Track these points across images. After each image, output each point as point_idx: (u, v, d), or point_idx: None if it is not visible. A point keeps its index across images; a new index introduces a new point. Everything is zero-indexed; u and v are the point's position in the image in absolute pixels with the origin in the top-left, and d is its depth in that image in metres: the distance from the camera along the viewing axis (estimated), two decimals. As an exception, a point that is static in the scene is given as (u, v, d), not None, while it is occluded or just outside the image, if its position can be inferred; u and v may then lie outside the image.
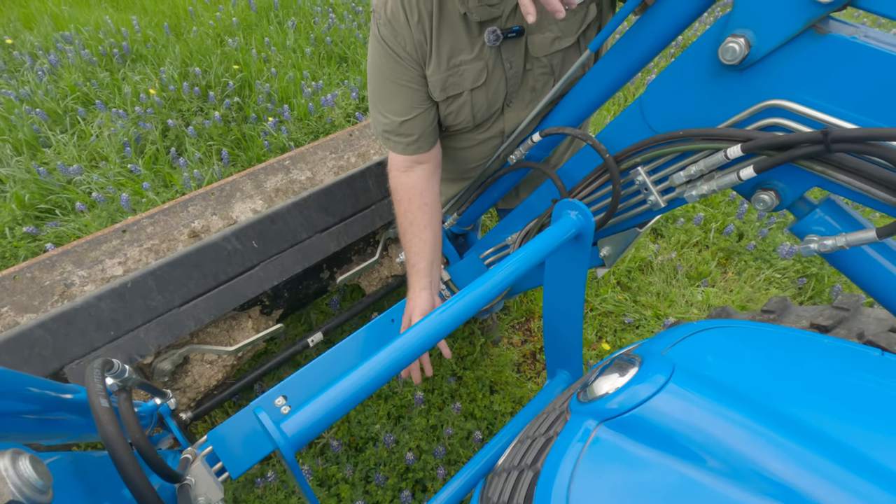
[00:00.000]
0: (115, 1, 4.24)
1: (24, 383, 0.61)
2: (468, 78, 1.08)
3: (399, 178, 1.22)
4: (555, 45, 1.06)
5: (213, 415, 1.89)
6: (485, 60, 1.07)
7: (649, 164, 0.96)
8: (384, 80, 1.10)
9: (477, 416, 1.94)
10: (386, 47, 1.05)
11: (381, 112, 1.14)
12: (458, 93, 1.10)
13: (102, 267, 1.41)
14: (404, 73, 1.07)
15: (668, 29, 0.85)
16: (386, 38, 1.04)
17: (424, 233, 1.23)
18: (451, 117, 1.17)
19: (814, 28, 0.67)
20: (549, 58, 1.08)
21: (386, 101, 1.12)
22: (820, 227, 0.81)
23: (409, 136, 1.14)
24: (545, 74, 1.11)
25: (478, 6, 0.99)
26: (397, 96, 1.10)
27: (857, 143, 0.66)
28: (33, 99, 3.05)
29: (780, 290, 2.47)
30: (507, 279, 0.80)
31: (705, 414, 0.47)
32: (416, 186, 1.21)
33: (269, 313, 1.64)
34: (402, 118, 1.12)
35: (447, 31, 1.03)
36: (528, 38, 1.05)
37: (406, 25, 1.01)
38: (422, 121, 1.13)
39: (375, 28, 1.05)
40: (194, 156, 2.85)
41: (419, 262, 1.23)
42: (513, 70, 1.10)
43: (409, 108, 1.11)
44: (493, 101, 1.14)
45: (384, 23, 1.02)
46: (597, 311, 2.36)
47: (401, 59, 1.05)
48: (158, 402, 1.11)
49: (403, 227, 1.25)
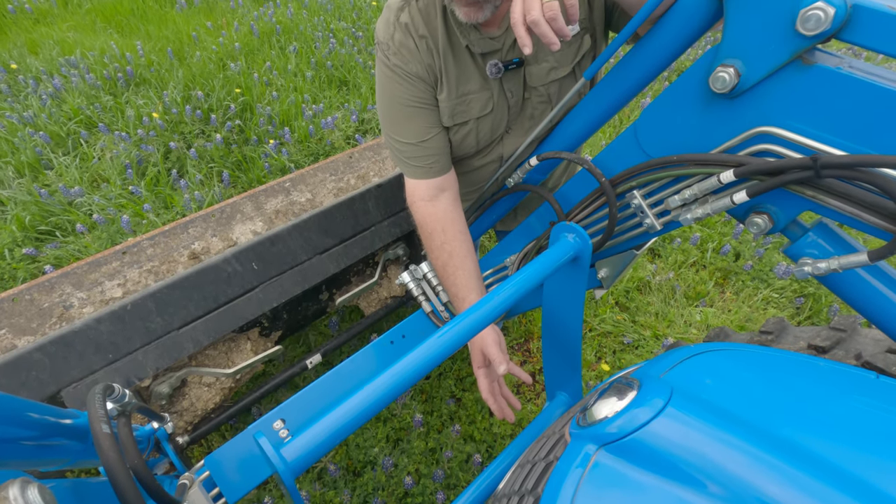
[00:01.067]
0: (121, 27, 4.32)
1: (24, 408, 0.61)
2: (475, 107, 1.12)
3: (426, 209, 1.18)
4: (551, 75, 1.10)
5: (210, 438, 1.87)
6: (490, 91, 1.11)
7: (644, 187, 0.98)
8: (399, 107, 1.10)
9: (476, 439, 1.92)
10: (396, 73, 1.07)
11: (397, 139, 1.14)
12: (465, 121, 1.14)
13: (102, 289, 1.42)
14: (418, 94, 1.09)
15: (659, 58, 0.88)
16: (396, 65, 1.06)
17: (467, 263, 1.17)
18: (455, 144, 1.19)
19: (800, 59, 0.70)
20: (546, 87, 1.12)
21: (403, 127, 1.12)
22: (813, 250, 0.82)
23: (428, 158, 1.14)
24: (543, 103, 1.15)
25: (479, 39, 1.03)
26: (414, 119, 1.11)
27: (845, 168, 0.68)
28: (36, 122, 3.09)
29: (778, 309, 2.48)
30: (507, 301, 0.81)
31: (704, 438, 0.48)
32: (447, 215, 1.17)
33: (267, 335, 1.64)
34: (421, 139, 1.12)
35: (455, 60, 1.06)
36: (526, 69, 1.09)
37: (415, 51, 1.04)
38: (440, 140, 1.14)
39: (384, 58, 1.07)
40: (195, 177, 2.88)
41: (469, 294, 1.16)
42: (513, 99, 1.13)
43: (427, 129, 1.12)
44: (495, 129, 1.18)
45: (393, 52, 1.05)
46: (596, 331, 2.36)
47: (413, 82, 1.07)
48: (156, 425, 1.10)
49: (442, 259, 1.18)
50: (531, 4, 0.78)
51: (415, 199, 1.19)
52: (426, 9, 1.03)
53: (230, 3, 4.75)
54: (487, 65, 1.06)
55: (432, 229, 1.18)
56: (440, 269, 1.21)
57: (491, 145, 1.22)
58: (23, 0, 4.50)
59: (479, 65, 1.08)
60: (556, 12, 0.77)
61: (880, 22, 0.62)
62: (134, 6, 4.55)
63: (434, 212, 1.17)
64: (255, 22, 4.30)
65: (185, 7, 4.66)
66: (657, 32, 0.86)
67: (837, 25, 0.63)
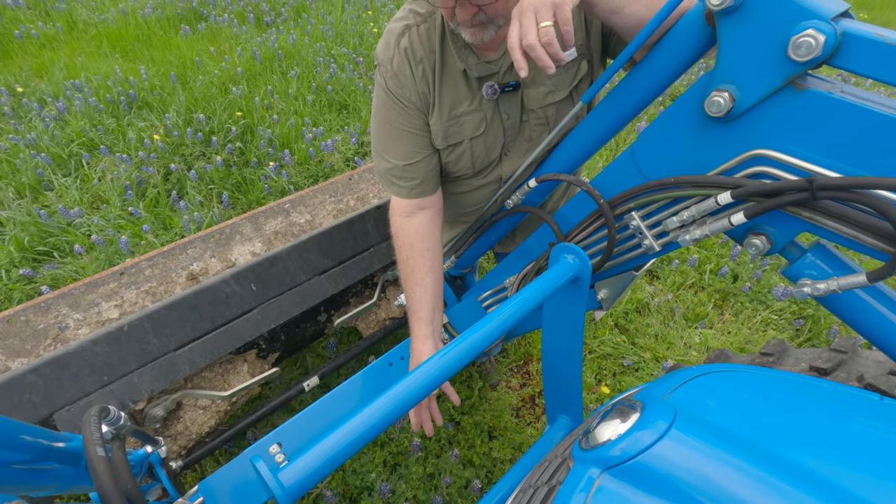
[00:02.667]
0: (126, 52, 4.40)
1: (17, 431, 0.60)
2: (468, 128, 1.14)
3: (401, 223, 1.23)
4: (549, 98, 1.12)
5: (204, 463, 1.83)
6: (483, 112, 1.13)
7: (643, 209, 0.98)
8: (389, 127, 1.14)
9: (476, 464, 1.88)
10: (392, 97, 1.10)
11: (385, 157, 1.18)
12: (459, 141, 1.16)
13: (98, 310, 1.41)
14: (409, 120, 1.12)
15: (655, 83, 0.90)
16: (392, 89, 1.09)
17: (426, 279, 1.22)
18: (451, 164, 1.22)
19: (793, 84, 0.71)
20: (544, 110, 1.14)
21: (390, 147, 1.16)
22: (812, 271, 0.82)
23: (412, 180, 1.17)
24: (540, 125, 1.17)
25: (476, 63, 1.06)
26: (402, 142, 1.15)
27: (840, 190, 0.69)
28: (39, 144, 3.11)
29: (778, 331, 2.47)
30: (507, 323, 0.80)
31: (709, 461, 0.47)
32: (418, 232, 1.22)
33: (265, 357, 1.62)
34: (406, 162, 1.16)
35: (449, 84, 1.09)
36: (523, 92, 1.11)
37: (411, 78, 1.07)
38: (425, 165, 1.17)
39: (382, 80, 1.11)
40: (195, 199, 2.89)
41: (421, 310, 1.22)
42: (510, 121, 1.15)
43: (413, 153, 1.15)
44: (491, 150, 1.20)
45: (391, 76, 1.08)
46: (595, 353, 2.35)
47: (406, 107, 1.11)
48: (149, 450, 1.08)
49: (405, 273, 1.24)
50: (527, 29, 0.80)
51: (393, 213, 1.25)
52: (426, 34, 1.06)
53: (233, 29, 4.86)
54: (483, 87, 1.09)
55: (401, 243, 1.23)
56: (403, 281, 1.27)
57: (489, 167, 1.24)
58: (30, 26, 4.59)
59: (472, 87, 1.11)
60: (552, 37, 0.79)
61: (869, 49, 0.64)
62: (139, 32, 4.64)
63: (407, 227, 1.22)
64: (257, 48, 4.39)
65: (190, 33, 4.75)
66: (653, 58, 0.88)
67: (828, 52, 0.65)
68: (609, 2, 0.85)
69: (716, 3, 0.70)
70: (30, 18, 4.83)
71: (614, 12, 0.87)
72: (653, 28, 0.80)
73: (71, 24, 4.80)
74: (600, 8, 0.87)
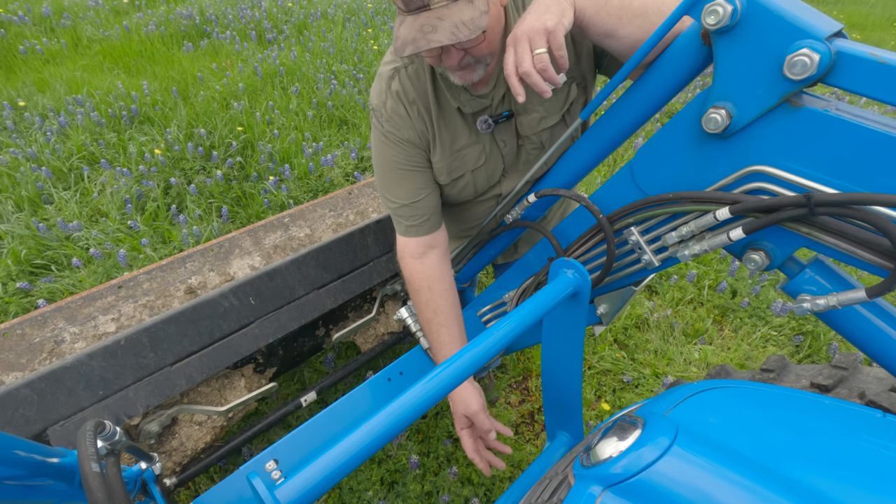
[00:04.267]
0: (128, 68, 4.45)
1: (10, 446, 0.59)
2: (469, 161, 1.16)
3: (414, 265, 1.22)
4: (542, 124, 1.13)
5: (198, 481, 1.80)
6: (482, 143, 1.15)
7: (642, 224, 0.99)
8: (392, 170, 1.15)
9: (474, 482, 1.86)
10: (390, 140, 1.11)
11: (391, 199, 1.19)
12: (461, 174, 1.18)
13: (95, 323, 1.40)
14: (410, 158, 1.13)
15: (651, 101, 0.91)
16: (389, 132, 1.10)
17: (451, 321, 1.21)
18: (454, 195, 1.24)
19: (789, 101, 0.72)
20: (538, 135, 1.15)
21: (395, 188, 1.17)
22: (811, 287, 0.82)
23: (421, 217, 1.18)
24: (536, 149, 1.19)
25: (469, 100, 1.07)
26: (406, 181, 1.15)
27: (838, 206, 0.69)
28: (40, 158, 3.13)
29: (777, 347, 2.46)
30: (506, 338, 0.80)
31: (712, 478, 0.46)
32: (434, 272, 1.21)
33: (262, 371, 1.61)
34: (413, 199, 1.16)
35: (446, 121, 1.11)
36: (516, 120, 1.13)
37: (407, 118, 1.08)
38: (431, 200, 1.18)
39: (378, 125, 1.12)
40: (194, 213, 2.90)
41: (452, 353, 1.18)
42: (507, 148, 1.17)
43: (418, 190, 1.16)
44: (491, 176, 1.22)
45: (386, 119, 1.09)
46: (595, 369, 2.33)
47: (406, 147, 1.12)
48: (144, 466, 1.07)
49: (427, 316, 1.23)
50: (522, 57, 0.81)
51: (404, 255, 1.23)
52: (416, 74, 1.07)
53: (235, 45, 4.92)
54: (478, 121, 1.10)
55: (419, 286, 1.22)
56: (425, 323, 1.25)
57: (489, 190, 1.26)
58: (34, 41, 4.65)
59: (468, 121, 1.12)
60: (547, 63, 0.80)
61: (863, 67, 0.65)
62: (142, 48, 4.70)
63: (422, 269, 1.21)
64: (259, 64, 4.44)
65: (192, 49, 4.82)
66: (649, 76, 0.89)
67: (823, 71, 0.66)
68: (602, 26, 0.86)
69: (712, 23, 0.71)
70: (35, 34, 4.90)
71: (608, 36, 0.87)
72: (649, 48, 0.81)
73: (75, 40, 4.86)
74: (593, 32, 0.88)
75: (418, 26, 0.83)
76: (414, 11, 0.83)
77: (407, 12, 0.84)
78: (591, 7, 0.85)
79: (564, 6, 0.82)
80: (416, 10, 0.82)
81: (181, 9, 5.54)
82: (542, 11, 0.82)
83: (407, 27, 0.84)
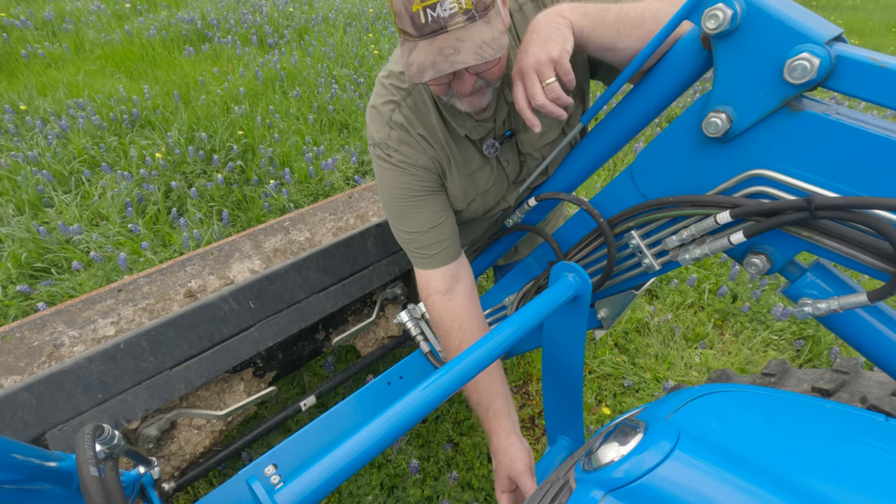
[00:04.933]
0: (130, 72, 4.47)
1: (8, 449, 0.59)
2: (481, 184, 1.15)
3: (443, 304, 1.12)
4: (543, 139, 1.13)
5: (197, 485, 1.79)
6: (490, 166, 1.14)
7: (642, 227, 0.99)
8: (406, 198, 1.09)
9: (475, 487, 1.85)
10: (401, 168, 1.06)
11: (410, 231, 1.12)
12: (473, 198, 1.17)
13: (94, 327, 1.39)
14: (424, 183, 1.09)
15: (652, 106, 0.91)
16: (400, 161, 1.06)
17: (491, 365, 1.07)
18: (465, 216, 1.23)
19: (789, 105, 0.73)
20: (540, 151, 1.15)
21: (412, 217, 1.11)
22: (812, 291, 0.82)
23: (443, 242, 1.11)
24: (539, 164, 1.18)
25: (475, 126, 1.06)
26: (423, 207, 1.10)
27: (839, 210, 0.69)
28: (41, 161, 3.13)
29: (778, 352, 2.46)
30: (507, 341, 0.80)
31: (715, 482, 0.46)
32: (465, 311, 1.11)
33: (261, 375, 1.60)
34: (432, 224, 1.10)
35: (459, 148, 1.09)
36: (517, 137, 1.13)
37: (417, 145, 1.05)
38: (450, 223, 1.13)
39: (384, 156, 1.07)
40: (195, 216, 2.90)
41: (494, 402, 1.06)
42: (510, 166, 1.17)
43: (438, 214, 1.11)
44: (499, 195, 1.22)
45: (394, 149, 1.05)
46: (595, 373, 2.32)
47: (419, 171, 1.07)
48: (142, 470, 1.06)
49: None
50: (534, 91, 0.82)
51: (430, 291, 1.14)
52: (416, 106, 1.04)
53: (237, 50, 4.94)
54: (484, 146, 1.09)
55: (449, 327, 1.12)
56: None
57: (497, 205, 1.26)
58: (36, 46, 4.67)
59: (476, 146, 1.11)
60: (558, 91, 0.81)
61: (863, 71, 0.65)
62: (143, 52, 4.72)
63: (451, 307, 1.12)
64: (259, 68, 4.46)
65: (193, 54, 4.83)
66: (650, 81, 0.89)
67: (823, 75, 0.66)
68: (601, 41, 0.86)
69: (712, 27, 0.72)
70: (37, 39, 4.91)
71: (607, 50, 0.87)
72: (649, 53, 0.81)
73: (77, 44, 4.88)
74: (593, 48, 0.88)
75: (436, 49, 0.78)
76: (428, 36, 0.78)
77: (419, 38, 0.79)
78: (588, 25, 0.84)
79: (564, 31, 0.82)
80: (430, 35, 0.78)
81: (183, 13, 5.56)
82: (545, 40, 0.81)
83: (422, 52, 0.80)
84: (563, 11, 0.85)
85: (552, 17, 0.84)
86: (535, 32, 0.83)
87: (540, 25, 0.84)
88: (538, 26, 0.84)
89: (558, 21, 0.83)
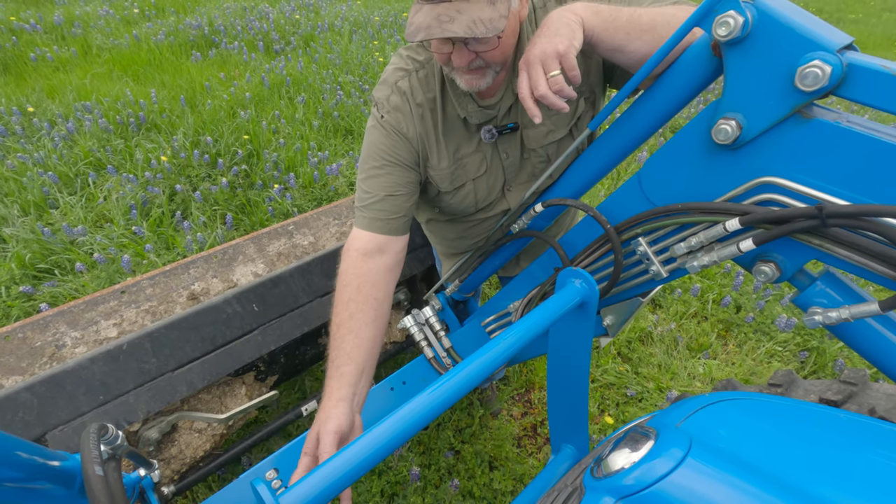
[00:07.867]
0: (137, 76, 4.50)
1: (12, 447, 0.58)
2: (471, 169, 1.15)
3: (355, 260, 1.09)
4: (549, 137, 1.13)
5: (196, 490, 1.78)
6: (483, 153, 1.14)
7: (650, 234, 0.98)
8: (378, 158, 1.10)
9: (476, 495, 1.83)
10: (386, 129, 1.09)
11: (367, 191, 1.11)
12: (463, 183, 1.17)
13: (97, 328, 1.39)
14: (399, 152, 1.10)
15: (661, 113, 0.91)
16: (388, 122, 1.08)
17: (364, 331, 1.02)
18: (455, 205, 1.22)
19: (800, 113, 0.72)
20: (545, 148, 1.16)
21: (375, 180, 1.11)
22: (822, 300, 0.82)
23: (389, 214, 1.10)
24: (542, 162, 1.19)
25: (476, 110, 1.07)
26: (388, 174, 1.10)
27: (850, 218, 0.69)
28: (47, 163, 3.15)
29: (783, 363, 2.44)
30: (512, 348, 0.79)
31: (728, 490, 0.45)
32: (370, 276, 1.08)
33: (263, 379, 1.60)
34: (387, 193, 1.09)
35: (450, 129, 1.11)
36: (523, 132, 1.13)
37: (410, 115, 1.08)
38: (404, 201, 1.11)
39: (377, 114, 1.10)
40: (199, 219, 2.90)
41: (346, 365, 0.98)
42: (509, 160, 1.17)
43: (397, 185, 1.10)
44: (492, 188, 1.21)
45: (388, 111, 1.08)
46: (598, 382, 2.31)
47: (400, 139, 1.09)
48: (143, 473, 1.05)
49: (340, 317, 1.03)
50: (537, 81, 0.82)
51: (350, 248, 1.11)
52: (425, 79, 1.07)
53: (243, 56, 4.98)
54: (482, 131, 1.10)
55: (347, 281, 1.07)
56: (334, 328, 1.04)
57: (491, 204, 1.25)
58: (45, 49, 4.71)
59: (471, 130, 1.12)
60: (561, 83, 0.81)
61: (875, 79, 0.65)
62: (151, 57, 4.76)
63: (361, 267, 1.08)
64: (266, 74, 4.49)
65: (200, 59, 4.87)
66: (659, 88, 0.89)
67: (834, 82, 0.66)
68: (611, 42, 0.87)
69: (723, 34, 0.72)
70: (46, 42, 4.96)
71: (617, 51, 0.88)
72: (659, 59, 0.81)
73: (86, 48, 4.92)
74: (602, 48, 0.89)
75: (435, 15, 0.83)
76: (433, 1, 0.83)
77: (426, 2, 0.84)
78: (599, 25, 0.86)
79: (574, 27, 0.83)
80: (436, 0, 0.83)
81: (190, 19, 5.62)
82: (553, 34, 0.83)
83: (423, 15, 0.84)
84: (576, 9, 0.86)
85: (564, 14, 0.85)
86: (546, 26, 0.85)
87: (551, 20, 0.85)
88: (550, 21, 0.85)
89: (569, 17, 0.84)
